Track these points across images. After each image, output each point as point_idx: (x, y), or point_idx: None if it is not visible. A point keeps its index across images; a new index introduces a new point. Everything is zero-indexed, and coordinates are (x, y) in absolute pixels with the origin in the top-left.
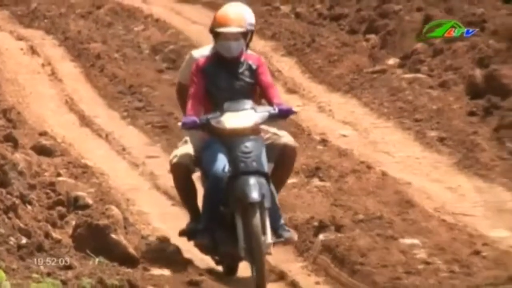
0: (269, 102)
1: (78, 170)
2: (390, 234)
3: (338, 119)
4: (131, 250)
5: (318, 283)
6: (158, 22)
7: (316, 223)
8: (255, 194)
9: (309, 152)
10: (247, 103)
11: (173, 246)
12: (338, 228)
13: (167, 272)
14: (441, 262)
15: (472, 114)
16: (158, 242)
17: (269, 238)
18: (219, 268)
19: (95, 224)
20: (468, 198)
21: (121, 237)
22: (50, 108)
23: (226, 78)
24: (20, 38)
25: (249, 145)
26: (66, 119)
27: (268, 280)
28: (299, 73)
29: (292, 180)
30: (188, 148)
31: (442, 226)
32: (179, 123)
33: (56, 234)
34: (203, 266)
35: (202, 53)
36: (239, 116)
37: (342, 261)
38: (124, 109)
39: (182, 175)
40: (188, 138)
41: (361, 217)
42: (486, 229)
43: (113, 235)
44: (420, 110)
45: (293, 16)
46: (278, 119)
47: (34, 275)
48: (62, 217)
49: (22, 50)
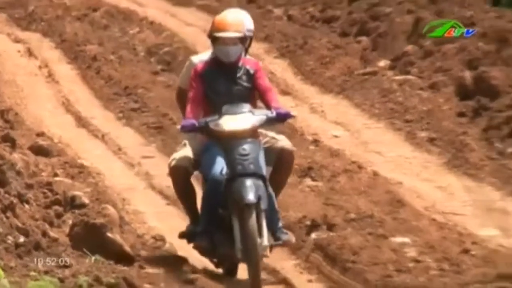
0: (267, 105)
1: (75, 170)
2: (381, 233)
3: (330, 120)
4: (127, 248)
5: (310, 281)
6: (153, 25)
7: (308, 222)
8: (251, 195)
9: (301, 152)
10: (245, 107)
11: (168, 245)
12: (330, 227)
13: (163, 270)
14: (431, 260)
15: (461, 115)
16: (153, 240)
17: (265, 240)
18: (217, 269)
19: (92, 223)
20: (457, 197)
21: (117, 236)
22: (47, 109)
23: (224, 82)
24: (17, 41)
25: (246, 147)
26: (63, 120)
27: (266, 283)
28: (292, 74)
29: None
30: (187, 151)
31: (432, 225)
32: (178, 126)
33: (53, 233)
34: (198, 264)
35: (202, 58)
36: (237, 119)
37: (334, 259)
38: (119, 110)
39: (181, 178)
40: (187, 141)
41: (352, 216)
42: (476, 227)
43: (109, 234)
44: (410, 111)
45: (285, 18)
46: (276, 123)
47: (32, 273)
48: (59, 216)
49: (19, 52)
